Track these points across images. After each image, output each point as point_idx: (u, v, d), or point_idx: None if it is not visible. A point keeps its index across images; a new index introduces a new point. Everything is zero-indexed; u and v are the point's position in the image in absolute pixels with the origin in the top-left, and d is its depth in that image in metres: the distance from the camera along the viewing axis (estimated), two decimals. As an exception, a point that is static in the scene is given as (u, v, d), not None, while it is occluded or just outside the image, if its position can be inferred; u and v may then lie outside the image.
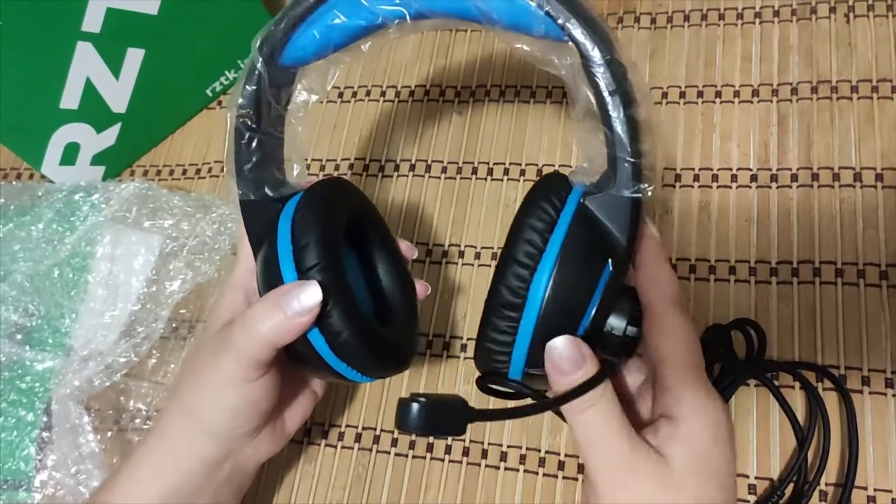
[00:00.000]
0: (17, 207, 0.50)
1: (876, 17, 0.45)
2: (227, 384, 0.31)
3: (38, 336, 0.47)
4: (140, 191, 0.48)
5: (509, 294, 0.28)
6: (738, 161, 0.44)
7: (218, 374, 0.31)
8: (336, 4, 0.32)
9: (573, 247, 0.28)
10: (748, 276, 0.41)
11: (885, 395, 0.37)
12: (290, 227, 0.31)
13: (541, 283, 0.28)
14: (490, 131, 0.49)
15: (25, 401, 0.45)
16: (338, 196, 0.35)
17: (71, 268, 0.47)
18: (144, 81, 0.51)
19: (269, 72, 0.32)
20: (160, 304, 0.45)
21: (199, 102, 0.56)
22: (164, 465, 0.32)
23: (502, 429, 0.40)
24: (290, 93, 0.34)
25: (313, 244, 0.31)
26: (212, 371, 0.31)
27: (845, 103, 0.44)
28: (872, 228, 0.40)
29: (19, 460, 0.43)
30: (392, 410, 0.42)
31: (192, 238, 0.47)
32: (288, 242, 0.31)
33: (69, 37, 0.46)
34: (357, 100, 0.53)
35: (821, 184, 0.42)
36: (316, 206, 0.32)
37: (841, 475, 0.35)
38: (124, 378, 0.44)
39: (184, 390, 0.33)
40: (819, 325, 0.39)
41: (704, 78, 0.47)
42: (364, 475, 0.41)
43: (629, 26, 0.50)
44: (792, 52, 0.46)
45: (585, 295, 0.28)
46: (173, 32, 0.50)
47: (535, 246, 0.28)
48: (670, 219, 0.43)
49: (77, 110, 0.49)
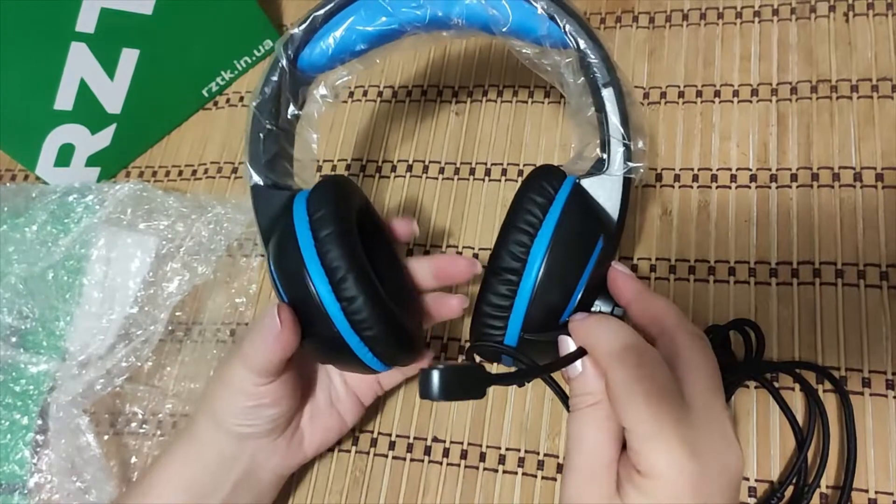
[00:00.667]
0: (11, 209, 0.49)
1: (875, 15, 0.45)
2: (238, 387, 0.34)
3: (33, 339, 0.46)
4: (135, 192, 0.48)
5: (510, 258, 0.31)
6: (738, 161, 0.44)
7: (232, 379, 0.34)
8: (359, 8, 0.34)
9: (569, 220, 0.31)
10: (748, 276, 0.40)
11: (886, 397, 0.36)
12: (307, 216, 0.33)
13: (540, 249, 0.30)
14: (488, 132, 0.49)
15: (20, 404, 0.44)
16: (349, 191, 0.36)
17: (65, 270, 0.47)
18: (139, 82, 0.50)
19: (291, 71, 0.35)
20: (158, 307, 0.45)
21: (195, 103, 0.55)
22: (189, 455, 0.36)
23: (500, 431, 0.40)
24: (307, 94, 0.36)
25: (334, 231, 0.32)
26: (228, 376, 0.34)
27: (845, 103, 0.43)
28: (873, 229, 0.40)
29: (14, 463, 0.43)
30: (388, 414, 0.42)
31: (188, 239, 0.46)
32: (307, 230, 0.32)
33: (63, 37, 0.45)
34: (354, 100, 0.52)
35: (820, 184, 0.42)
36: (332, 198, 0.33)
37: (841, 477, 0.35)
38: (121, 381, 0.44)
39: (209, 393, 0.36)
40: (819, 326, 0.39)
41: (703, 77, 0.47)
42: (362, 479, 0.41)
43: (627, 26, 0.50)
44: (791, 51, 0.46)
45: (580, 266, 0.31)
46: (168, 33, 0.49)
47: (535, 216, 0.31)
48: (669, 219, 0.43)
49: (71, 111, 0.49)
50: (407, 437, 0.41)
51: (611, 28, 0.50)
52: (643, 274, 0.42)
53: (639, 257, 0.43)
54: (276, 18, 0.58)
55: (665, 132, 0.46)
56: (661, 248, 0.42)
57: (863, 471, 0.35)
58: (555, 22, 0.33)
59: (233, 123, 0.55)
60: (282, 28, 0.57)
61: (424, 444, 0.41)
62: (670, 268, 0.42)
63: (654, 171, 0.45)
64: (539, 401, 0.40)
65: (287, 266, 0.32)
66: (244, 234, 0.48)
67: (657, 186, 0.44)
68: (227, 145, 0.54)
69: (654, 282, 0.42)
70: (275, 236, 0.34)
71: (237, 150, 0.53)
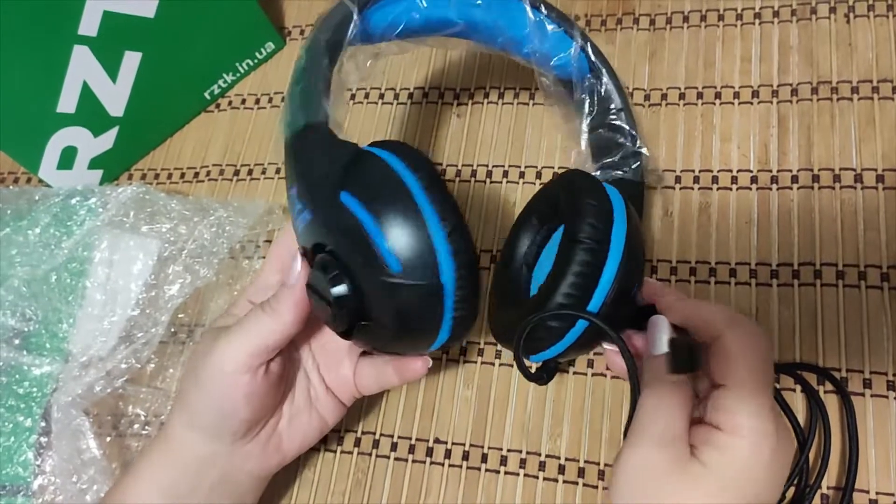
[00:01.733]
0: (14, 212, 0.50)
1: (876, 17, 0.45)
2: (217, 383, 0.32)
3: (36, 341, 0.47)
4: (137, 195, 0.48)
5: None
6: (739, 163, 0.44)
7: (211, 373, 0.33)
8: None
9: (632, 223, 0.33)
10: (749, 278, 0.41)
11: (887, 398, 0.37)
12: (407, 169, 0.30)
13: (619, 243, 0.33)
14: (489, 133, 0.49)
15: (23, 406, 0.44)
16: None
17: (68, 272, 0.47)
18: (142, 85, 0.51)
19: (358, 25, 0.34)
20: (159, 309, 0.45)
21: (197, 105, 0.56)
22: (163, 458, 0.34)
23: (502, 433, 0.40)
24: (342, 60, 0.35)
25: (440, 185, 0.30)
26: (209, 356, 0.33)
27: (846, 104, 0.43)
28: (873, 230, 0.40)
29: (17, 465, 0.43)
30: (390, 415, 0.42)
31: (190, 242, 0.46)
32: (416, 182, 0.30)
33: (66, 40, 0.45)
34: (356, 102, 0.53)
35: (821, 185, 0.42)
36: (423, 157, 0.31)
37: (842, 478, 0.35)
38: (123, 383, 0.44)
39: (184, 391, 0.34)
40: (820, 327, 0.39)
41: (704, 79, 0.47)
42: (364, 480, 0.41)
43: (628, 28, 0.50)
44: (792, 52, 0.46)
45: (640, 268, 0.34)
46: (170, 35, 0.49)
47: (596, 226, 0.32)
48: (670, 221, 0.43)
49: (74, 114, 0.49)
50: (409, 439, 0.41)
51: (612, 30, 0.50)
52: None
53: (640, 259, 0.43)
54: (278, 21, 0.58)
55: (666, 134, 0.46)
56: (663, 250, 0.43)
57: (864, 471, 0.35)
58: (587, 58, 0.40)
59: (235, 126, 0.55)
60: (283, 31, 0.58)
61: (426, 445, 0.41)
62: (671, 269, 0.42)
63: (655, 172, 0.45)
64: (540, 402, 0.40)
65: (395, 210, 0.29)
66: (246, 236, 0.48)
67: (658, 188, 0.44)
68: (229, 148, 0.54)
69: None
70: (362, 183, 0.30)
71: (239, 153, 0.53)
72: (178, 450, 0.34)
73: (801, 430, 0.36)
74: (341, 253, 0.30)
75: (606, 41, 0.50)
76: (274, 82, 0.56)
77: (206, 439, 0.34)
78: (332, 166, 0.31)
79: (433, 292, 0.30)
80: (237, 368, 0.32)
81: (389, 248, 0.29)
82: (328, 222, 0.30)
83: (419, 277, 0.29)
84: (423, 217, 0.29)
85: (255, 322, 0.33)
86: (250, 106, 0.55)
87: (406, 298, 0.30)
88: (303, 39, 0.56)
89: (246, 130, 0.54)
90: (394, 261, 0.29)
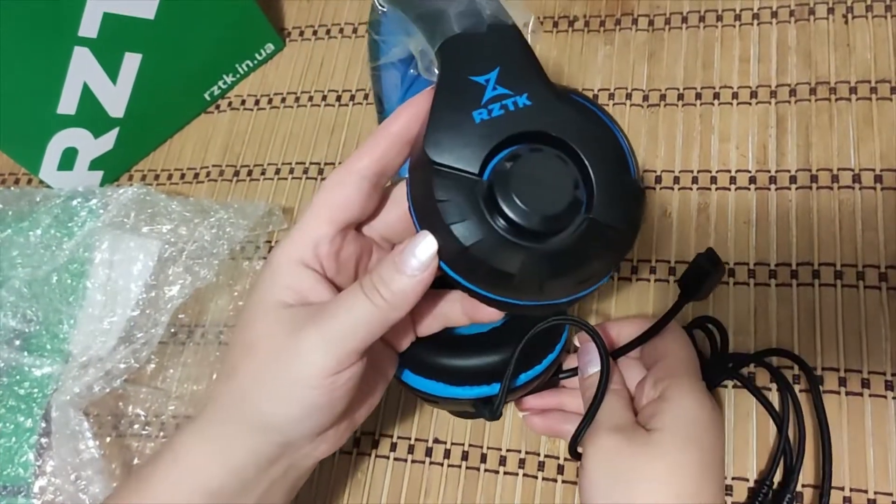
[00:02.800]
0: (15, 213, 0.50)
1: (874, 17, 0.45)
2: (306, 374, 0.25)
3: (37, 342, 0.47)
4: (138, 196, 0.48)
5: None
6: (737, 163, 0.44)
7: (296, 360, 0.25)
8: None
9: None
10: (747, 278, 0.41)
11: (886, 398, 0.37)
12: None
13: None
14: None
15: (24, 407, 0.44)
16: None
17: (69, 273, 0.47)
18: (142, 86, 0.51)
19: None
20: (159, 310, 0.45)
21: (197, 106, 0.56)
22: (210, 461, 0.28)
23: (501, 433, 0.40)
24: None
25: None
26: (287, 355, 0.26)
27: (844, 104, 0.43)
28: (871, 230, 0.40)
29: (18, 466, 0.43)
30: (390, 415, 0.42)
31: (190, 243, 0.47)
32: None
33: (66, 42, 0.45)
34: (356, 103, 0.53)
35: (819, 185, 0.42)
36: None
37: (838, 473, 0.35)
38: (123, 384, 0.44)
39: (242, 373, 0.27)
40: (819, 327, 0.39)
41: (702, 80, 0.47)
42: (363, 480, 0.41)
43: (627, 28, 0.50)
44: (790, 53, 0.46)
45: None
46: (170, 37, 0.50)
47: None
48: (669, 221, 0.43)
49: (74, 115, 0.49)
50: (408, 439, 0.41)
51: (610, 31, 0.50)
52: (643, 276, 0.42)
53: (638, 259, 0.43)
54: (278, 22, 0.58)
55: (664, 134, 0.46)
56: (661, 250, 0.43)
57: (862, 471, 0.35)
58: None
59: (235, 127, 0.55)
60: (283, 32, 0.58)
61: (426, 445, 0.41)
62: (670, 269, 0.42)
63: (654, 173, 0.45)
64: (539, 402, 0.41)
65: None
66: (246, 237, 0.48)
67: (657, 188, 0.44)
68: (229, 148, 0.54)
69: (654, 283, 0.42)
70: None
71: (239, 154, 0.53)
72: (231, 451, 0.28)
73: (776, 413, 0.37)
74: (584, 148, 0.25)
75: (605, 42, 0.50)
76: (274, 83, 0.56)
77: (278, 438, 0.28)
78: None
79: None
80: (328, 376, 0.26)
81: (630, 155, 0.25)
82: (565, 113, 0.25)
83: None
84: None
85: (356, 311, 0.25)
86: (250, 107, 0.55)
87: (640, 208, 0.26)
88: (302, 40, 0.57)
89: (246, 131, 0.54)
90: (633, 168, 0.25)
